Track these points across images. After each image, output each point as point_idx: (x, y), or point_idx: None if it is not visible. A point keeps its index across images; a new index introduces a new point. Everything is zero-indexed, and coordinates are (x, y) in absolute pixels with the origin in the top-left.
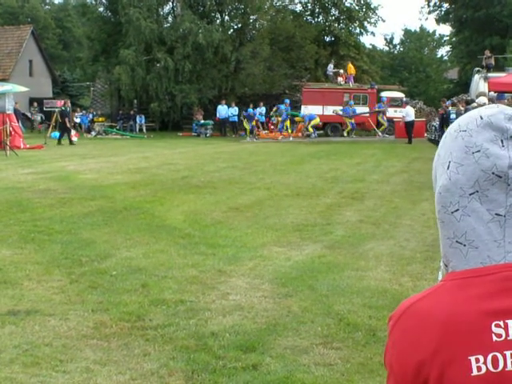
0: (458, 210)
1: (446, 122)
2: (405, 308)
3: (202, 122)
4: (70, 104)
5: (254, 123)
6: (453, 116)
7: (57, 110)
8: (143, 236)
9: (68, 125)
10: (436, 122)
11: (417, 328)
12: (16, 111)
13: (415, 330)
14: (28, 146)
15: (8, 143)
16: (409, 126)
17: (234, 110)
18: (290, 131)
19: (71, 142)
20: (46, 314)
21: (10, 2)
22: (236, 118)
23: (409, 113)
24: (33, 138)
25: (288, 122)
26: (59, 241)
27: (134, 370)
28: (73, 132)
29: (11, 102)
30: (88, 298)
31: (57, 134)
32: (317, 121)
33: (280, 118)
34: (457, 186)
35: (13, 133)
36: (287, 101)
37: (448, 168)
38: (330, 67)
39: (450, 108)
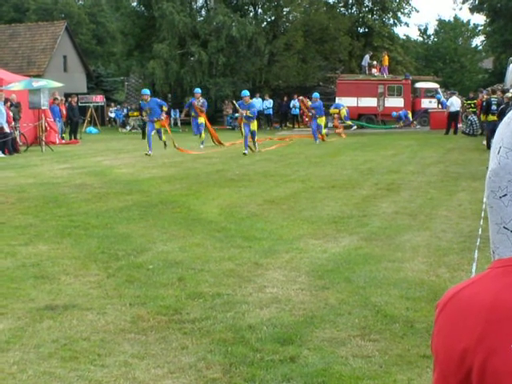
0: (506, 195)
1: (486, 111)
2: (450, 296)
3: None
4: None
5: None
6: (494, 107)
7: (91, 105)
8: (179, 230)
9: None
10: (472, 116)
11: (461, 315)
12: (54, 107)
13: (460, 318)
14: (64, 141)
15: (44, 139)
16: (452, 116)
17: (269, 103)
18: (324, 132)
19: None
20: (83, 309)
21: None
22: (271, 111)
23: (453, 103)
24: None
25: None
26: (96, 235)
27: (172, 363)
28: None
29: (46, 98)
30: (125, 292)
31: (92, 129)
32: (343, 111)
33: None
34: (506, 170)
35: (48, 128)
36: (317, 95)
37: (498, 153)
38: (367, 58)
39: (491, 97)
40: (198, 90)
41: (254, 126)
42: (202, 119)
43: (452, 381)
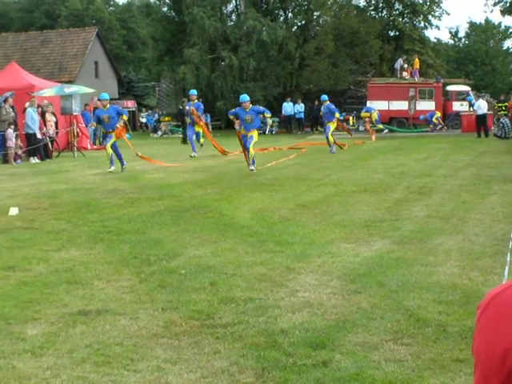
0: None
1: None
2: (492, 296)
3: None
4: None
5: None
6: None
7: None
8: (211, 234)
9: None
10: (504, 119)
11: (503, 316)
12: (85, 113)
13: (502, 318)
14: (95, 146)
15: (75, 144)
16: (480, 119)
17: (300, 107)
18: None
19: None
20: (116, 314)
21: (74, 4)
22: (302, 115)
23: (481, 106)
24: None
25: (353, 119)
26: (128, 240)
27: (205, 368)
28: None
29: (78, 104)
30: (157, 296)
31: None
32: (375, 115)
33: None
34: None
35: (80, 134)
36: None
37: None
38: (400, 61)
39: None
40: (193, 92)
41: (255, 136)
42: (199, 128)
43: (494, 381)
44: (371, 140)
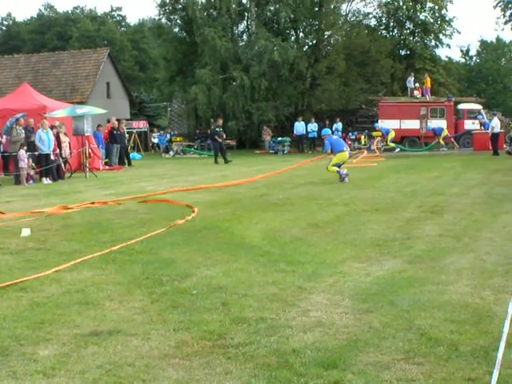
0: None
1: None
2: None
3: (280, 139)
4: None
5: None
6: None
7: (135, 130)
8: (223, 254)
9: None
10: None
11: None
12: (97, 134)
13: None
14: (107, 167)
15: (87, 165)
16: (496, 137)
17: (314, 126)
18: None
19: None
20: (128, 334)
21: (86, 25)
22: (315, 134)
23: (498, 124)
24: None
25: (364, 138)
26: (140, 261)
27: None
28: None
29: (89, 124)
30: (169, 317)
31: (135, 154)
32: (392, 134)
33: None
34: None
35: (92, 154)
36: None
37: None
38: (410, 80)
39: None
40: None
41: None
42: None
43: None
44: (382, 159)
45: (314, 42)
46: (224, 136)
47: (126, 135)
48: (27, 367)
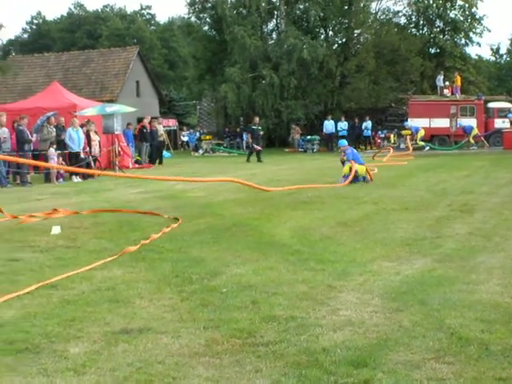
0: None
1: None
2: None
3: (309, 137)
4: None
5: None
6: None
7: (164, 129)
8: (252, 253)
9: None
10: None
11: None
12: (127, 132)
13: None
14: (137, 165)
15: (117, 163)
16: None
17: (344, 125)
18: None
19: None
20: (158, 332)
21: (116, 24)
22: (345, 133)
23: None
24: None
25: (394, 137)
26: (169, 259)
27: None
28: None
29: (119, 123)
30: (199, 315)
31: (165, 153)
32: (422, 133)
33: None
34: None
35: (121, 153)
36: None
37: None
38: (440, 79)
39: None
40: None
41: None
42: None
43: None
44: (411, 157)
45: (344, 40)
46: (261, 133)
47: (161, 133)
48: (58, 364)
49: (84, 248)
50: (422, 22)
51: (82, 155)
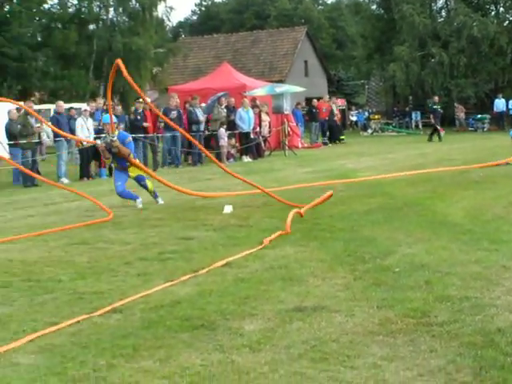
0: None
1: None
2: None
3: (479, 116)
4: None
5: None
6: None
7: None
8: (424, 232)
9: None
10: None
11: None
12: (296, 112)
13: None
14: (306, 144)
15: (287, 143)
16: None
17: None
18: None
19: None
20: (331, 311)
21: (284, 4)
22: None
23: None
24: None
25: None
26: (341, 238)
27: (421, 366)
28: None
29: (288, 103)
30: (372, 294)
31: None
32: None
33: None
34: None
35: (291, 133)
36: None
37: None
38: None
39: None
40: (105, 119)
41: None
42: (133, 171)
43: None
44: None
45: None
46: (441, 112)
47: (336, 112)
48: (233, 341)
49: (256, 227)
50: None
51: (252, 135)
